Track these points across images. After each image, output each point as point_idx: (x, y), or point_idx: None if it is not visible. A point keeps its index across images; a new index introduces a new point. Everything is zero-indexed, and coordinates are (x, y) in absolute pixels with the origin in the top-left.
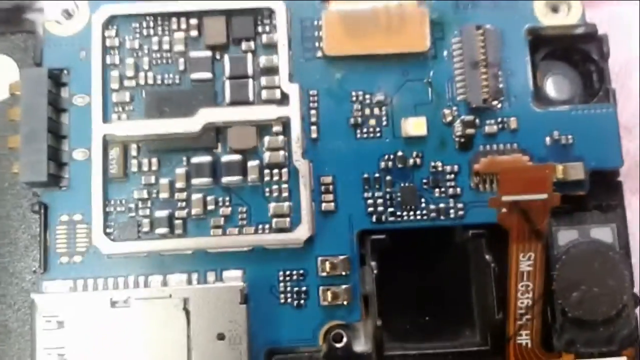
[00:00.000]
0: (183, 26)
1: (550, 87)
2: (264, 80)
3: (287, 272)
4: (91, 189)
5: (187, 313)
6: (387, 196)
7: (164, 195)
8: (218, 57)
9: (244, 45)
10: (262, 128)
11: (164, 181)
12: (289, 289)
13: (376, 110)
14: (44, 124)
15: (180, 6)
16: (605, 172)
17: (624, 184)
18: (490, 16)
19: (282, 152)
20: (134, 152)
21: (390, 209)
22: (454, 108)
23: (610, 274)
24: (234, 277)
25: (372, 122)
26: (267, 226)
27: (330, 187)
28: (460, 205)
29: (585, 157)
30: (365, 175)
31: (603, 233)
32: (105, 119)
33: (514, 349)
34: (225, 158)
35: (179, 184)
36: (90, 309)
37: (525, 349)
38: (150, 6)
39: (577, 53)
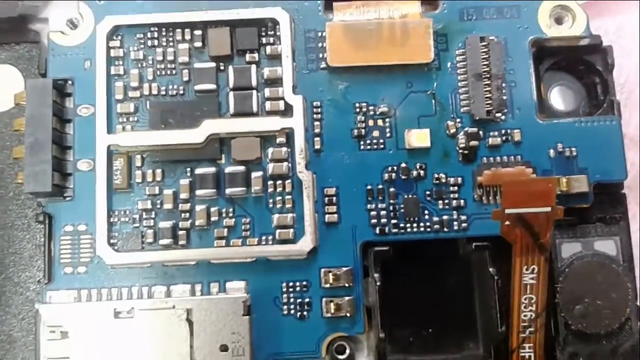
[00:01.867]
0: (187, 37)
1: (555, 98)
2: (267, 92)
3: (290, 284)
4: (95, 199)
5: (190, 324)
6: (391, 208)
7: (167, 206)
8: (222, 68)
9: (248, 57)
10: (266, 139)
11: (167, 192)
12: (292, 300)
13: (380, 122)
14: (48, 134)
15: (185, 17)
16: (609, 185)
17: (630, 195)
18: (494, 28)
19: (285, 164)
20: (138, 163)
21: (394, 221)
22: (458, 120)
23: (613, 287)
24: (237, 288)
25: (376, 133)
26: (270, 237)
27: (334, 198)
28: (463, 217)
29: (589, 169)
30: (369, 187)
31: (607, 246)
32: (110, 129)
33: None
34: (229, 169)
35: (183, 195)
36: (94, 319)
37: None
38: (155, 17)
39: (582, 64)
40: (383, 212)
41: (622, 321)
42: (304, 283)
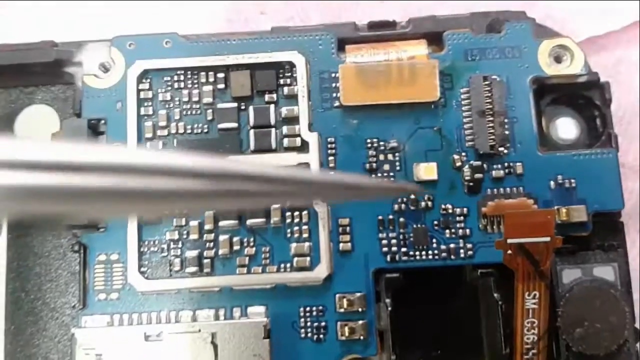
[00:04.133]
0: (211, 79)
1: (556, 131)
2: (285, 129)
3: (307, 308)
4: (127, 231)
5: (215, 347)
6: (401, 237)
7: (193, 236)
8: (243, 107)
9: (267, 97)
10: None
11: (193, 223)
12: (309, 324)
13: (390, 156)
14: None
15: (209, 61)
16: (607, 214)
17: (629, 222)
18: (496, 67)
19: None
20: None
21: (404, 249)
22: (463, 154)
23: (612, 311)
24: (257, 313)
25: (386, 167)
26: (288, 265)
27: (347, 228)
28: (469, 246)
29: (587, 199)
30: (380, 217)
31: (605, 272)
32: None
33: None
34: None
35: (208, 226)
36: (126, 343)
37: None
38: (181, 61)
39: (581, 99)
40: (394, 241)
41: (620, 343)
42: (320, 308)
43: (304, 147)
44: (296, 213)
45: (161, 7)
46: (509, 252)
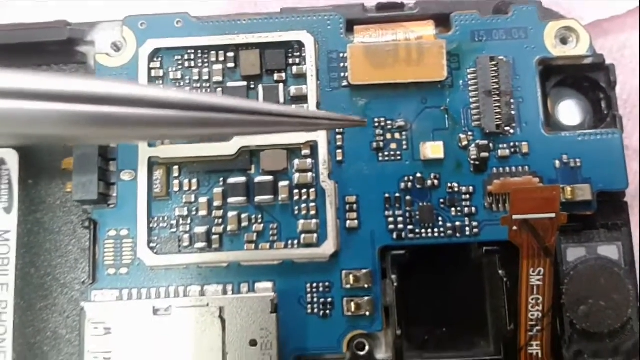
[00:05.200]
0: (221, 58)
1: (561, 113)
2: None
3: (314, 284)
4: (137, 206)
5: (223, 321)
6: (407, 215)
7: (202, 212)
8: (252, 86)
9: (276, 76)
10: (292, 151)
11: (202, 200)
12: (315, 300)
13: (397, 135)
14: (95, 147)
15: (219, 40)
16: (612, 194)
17: (633, 203)
18: (503, 48)
19: (310, 174)
20: (175, 174)
21: (410, 227)
22: (469, 133)
23: (615, 289)
24: (265, 289)
25: (393, 146)
26: (295, 242)
27: (354, 206)
28: (475, 224)
29: (592, 179)
30: (387, 195)
31: (609, 250)
32: (150, 143)
33: (526, 359)
34: (258, 179)
35: (216, 203)
36: (135, 317)
37: (536, 358)
38: (192, 40)
39: (586, 81)
40: (400, 219)
41: (624, 321)
42: (327, 284)
43: None
44: (304, 190)
45: None
46: (515, 228)
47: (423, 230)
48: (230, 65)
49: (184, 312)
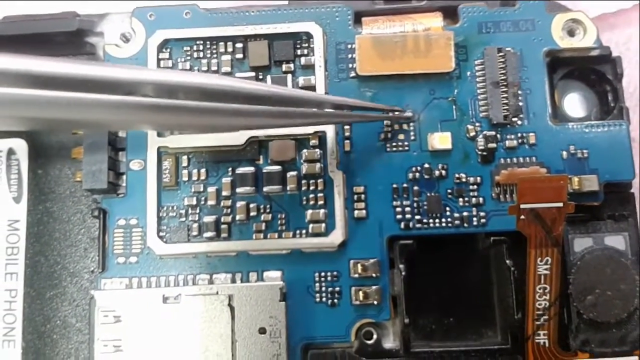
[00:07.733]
0: (229, 49)
1: (568, 105)
2: None
3: (322, 274)
4: (146, 196)
5: (232, 309)
6: (415, 205)
7: (211, 202)
8: (261, 77)
9: (284, 67)
10: (300, 142)
11: (211, 189)
12: (323, 289)
13: (405, 126)
14: (104, 137)
15: (227, 31)
16: (618, 184)
17: (638, 195)
18: (510, 40)
19: (318, 164)
20: (184, 163)
21: (418, 217)
22: (477, 124)
23: (622, 279)
24: (273, 277)
25: (401, 136)
26: (304, 231)
27: (362, 195)
28: (482, 214)
29: (599, 170)
30: (395, 185)
31: (616, 241)
32: (160, 133)
33: (533, 348)
34: (266, 169)
35: (225, 192)
36: (145, 305)
37: (543, 347)
38: (201, 31)
39: (593, 73)
40: (408, 209)
41: (630, 311)
42: (335, 273)
43: None
44: (312, 181)
45: None
46: (522, 217)
47: (431, 220)
48: (239, 56)
49: (193, 300)
